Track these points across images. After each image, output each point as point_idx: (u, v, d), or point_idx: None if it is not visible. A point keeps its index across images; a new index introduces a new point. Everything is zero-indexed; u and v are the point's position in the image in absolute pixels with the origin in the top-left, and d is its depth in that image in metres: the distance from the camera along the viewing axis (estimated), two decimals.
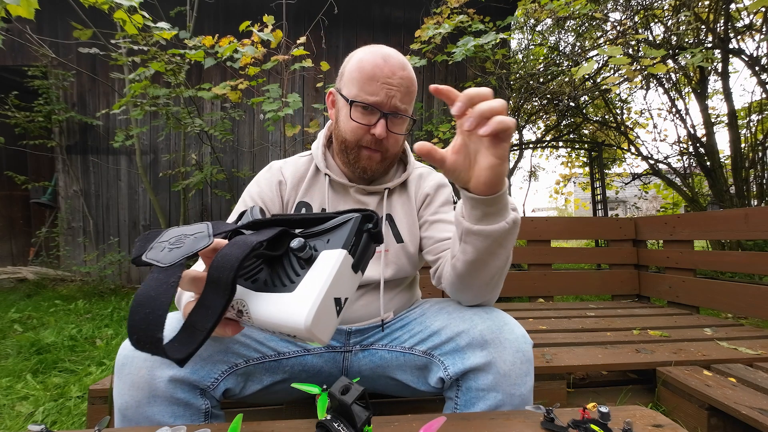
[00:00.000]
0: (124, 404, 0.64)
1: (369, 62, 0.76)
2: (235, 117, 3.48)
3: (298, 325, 0.36)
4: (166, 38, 2.45)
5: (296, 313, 0.36)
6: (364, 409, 0.51)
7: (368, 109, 0.77)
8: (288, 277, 0.40)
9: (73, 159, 3.85)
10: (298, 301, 0.37)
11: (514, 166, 6.40)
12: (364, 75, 0.76)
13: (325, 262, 0.39)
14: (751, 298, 1.82)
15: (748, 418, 0.98)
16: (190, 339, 0.36)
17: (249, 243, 0.38)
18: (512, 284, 2.45)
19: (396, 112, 0.77)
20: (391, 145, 0.81)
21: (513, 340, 0.69)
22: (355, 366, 0.84)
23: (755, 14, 3.77)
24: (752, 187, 4.04)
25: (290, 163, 0.90)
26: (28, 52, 3.55)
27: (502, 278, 0.71)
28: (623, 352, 1.41)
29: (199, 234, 0.40)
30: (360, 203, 0.86)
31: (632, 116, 5.95)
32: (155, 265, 0.37)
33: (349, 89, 0.78)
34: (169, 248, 0.38)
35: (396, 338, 0.82)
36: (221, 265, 0.37)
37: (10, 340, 2.14)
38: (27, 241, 4.60)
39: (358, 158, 0.81)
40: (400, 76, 0.76)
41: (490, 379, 0.68)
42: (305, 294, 0.37)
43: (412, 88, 0.79)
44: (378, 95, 0.75)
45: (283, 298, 0.38)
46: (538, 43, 5.50)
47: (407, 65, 0.79)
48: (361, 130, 0.78)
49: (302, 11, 3.50)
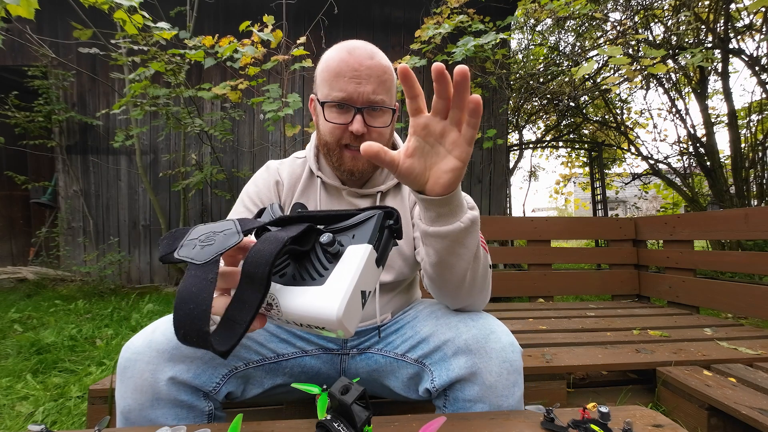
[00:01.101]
0: (127, 407, 0.64)
1: (334, 59, 0.73)
2: (235, 117, 3.48)
3: (330, 317, 0.38)
4: (166, 38, 2.45)
5: (327, 305, 0.38)
6: (364, 409, 0.51)
7: (342, 107, 0.73)
8: (317, 271, 0.41)
9: (73, 159, 3.85)
10: (328, 294, 0.39)
11: (514, 166, 6.41)
12: (331, 72, 0.72)
13: (352, 256, 0.40)
14: (751, 298, 1.82)
15: (748, 418, 0.98)
16: (230, 332, 0.38)
17: (281, 239, 0.39)
18: (512, 284, 2.45)
19: (371, 104, 0.73)
20: (374, 140, 0.73)
21: (499, 350, 0.66)
22: (352, 368, 0.84)
23: (755, 14, 3.77)
24: (752, 187, 4.04)
25: (287, 163, 0.89)
26: (28, 52, 3.55)
27: (478, 281, 0.67)
28: (623, 352, 1.41)
29: (228, 231, 0.41)
30: (352, 205, 0.84)
31: (632, 116, 5.95)
32: (191, 263, 0.38)
33: (322, 91, 0.75)
34: (200, 245, 0.40)
35: (390, 342, 0.81)
36: (256, 260, 0.38)
37: (10, 340, 2.13)
38: (27, 241, 4.60)
39: (342, 160, 0.77)
40: (368, 66, 0.72)
41: (476, 390, 0.66)
42: (335, 287, 0.39)
43: (384, 77, 0.74)
44: (347, 90, 0.71)
45: (313, 291, 0.40)
46: (538, 43, 5.50)
47: (376, 54, 0.74)
48: (338, 129, 0.74)
49: (302, 11, 3.50)
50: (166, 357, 0.65)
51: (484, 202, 4.20)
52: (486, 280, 0.69)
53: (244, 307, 0.39)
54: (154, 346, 0.65)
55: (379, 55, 0.75)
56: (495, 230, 2.49)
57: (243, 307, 0.39)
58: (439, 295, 0.73)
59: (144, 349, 0.65)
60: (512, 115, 5.68)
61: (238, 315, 0.39)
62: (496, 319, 0.73)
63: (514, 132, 6.10)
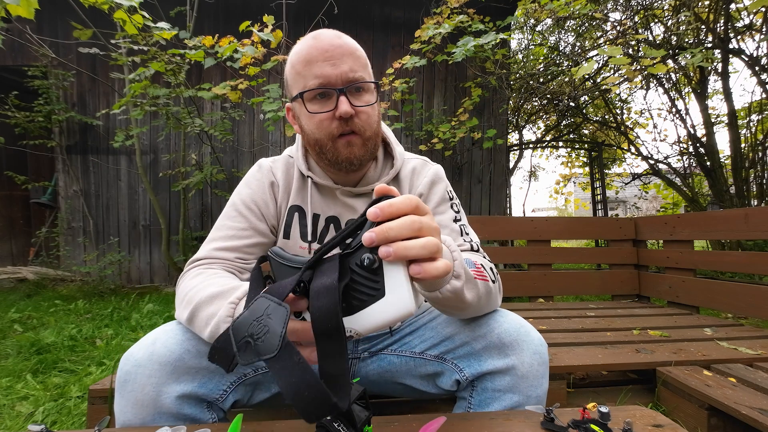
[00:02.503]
0: (127, 422, 0.62)
1: (302, 49, 0.70)
2: (235, 117, 3.48)
3: (409, 314, 0.41)
4: (166, 38, 2.45)
5: (401, 309, 0.41)
6: (364, 409, 0.51)
7: (324, 95, 0.69)
8: (372, 288, 0.42)
9: (73, 159, 3.85)
10: (396, 301, 0.41)
11: (514, 166, 6.41)
12: (302, 63, 0.69)
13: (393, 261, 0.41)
14: (751, 298, 1.82)
15: (748, 418, 0.98)
16: (340, 386, 0.40)
17: (332, 287, 0.40)
18: (512, 284, 2.45)
19: (351, 82, 0.68)
20: (364, 121, 0.71)
21: (530, 342, 0.69)
22: (362, 371, 0.84)
23: (755, 14, 3.77)
24: (752, 187, 4.04)
25: (280, 162, 0.84)
26: (28, 52, 3.55)
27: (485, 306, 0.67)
28: (623, 352, 1.41)
29: (270, 310, 0.41)
30: (346, 207, 0.81)
31: (632, 116, 5.95)
32: (268, 361, 0.38)
33: (297, 86, 0.70)
34: (258, 340, 0.39)
35: (406, 343, 0.81)
36: (323, 317, 0.39)
37: (10, 340, 2.14)
38: (27, 241, 4.60)
39: (337, 152, 0.72)
40: (338, 45, 0.68)
41: (508, 380, 0.68)
42: (398, 293, 0.41)
43: (357, 53, 0.70)
44: (323, 73, 0.67)
45: (381, 306, 0.42)
46: (538, 43, 5.50)
47: (342, 35, 0.71)
48: (326, 120, 0.70)
49: (302, 11, 3.50)
50: (169, 370, 0.62)
51: (484, 202, 4.20)
52: (491, 297, 0.68)
53: (335, 360, 0.40)
54: (155, 358, 0.62)
55: (345, 36, 0.71)
56: (495, 230, 2.49)
57: (334, 361, 0.40)
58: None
59: (145, 361, 0.62)
60: (512, 115, 5.68)
61: (334, 368, 0.40)
62: (518, 315, 0.74)
63: (514, 132, 6.11)
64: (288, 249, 0.81)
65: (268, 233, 0.82)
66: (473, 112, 3.70)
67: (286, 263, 0.47)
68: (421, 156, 0.89)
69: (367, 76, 0.71)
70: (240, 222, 0.79)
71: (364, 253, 0.41)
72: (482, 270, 0.65)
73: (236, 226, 0.79)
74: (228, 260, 0.76)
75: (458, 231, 0.79)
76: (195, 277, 0.70)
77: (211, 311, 0.60)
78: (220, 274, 0.72)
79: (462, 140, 3.97)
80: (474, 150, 4.13)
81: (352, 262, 0.42)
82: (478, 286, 0.61)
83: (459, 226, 0.80)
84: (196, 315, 0.62)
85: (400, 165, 0.83)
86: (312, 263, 0.44)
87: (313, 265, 0.44)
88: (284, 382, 0.37)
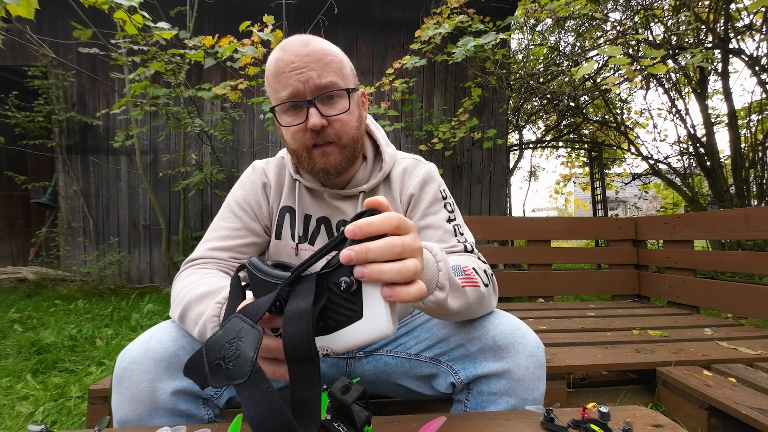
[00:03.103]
0: (124, 418, 0.63)
1: (271, 62, 0.70)
2: (235, 117, 3.48)
3: (385, 336, 0.41)
4: (166, 38, 2.45)
5: (379, 329, 0.41)
6: (364, 409, 0.51)
7: (295, 107, 0.69)
8: (351, 309, 0.42)
9: (73, 159, 3.85)
10: (373, 321, 0.41)
11: (514, 166, 6.41)
12: (272, 77, 0.69)
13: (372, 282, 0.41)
14: (751, 298, 1.82)
15: (748, 418, 0.98)
16: (309, 413, 0.40)
17: (304, 312, 0.39)
18: (512, 284, 2.45)
19: (320, 91, 0.67)
20: (339, 129, 0.70)
21: (526, 345, 0.68)
22: (358, 371, 0.84)
23: (755, 14, 3.77)
24: (752, 187, 4.04)
25: (273, 163, 0.85)
26: (28, 52, 3.55)
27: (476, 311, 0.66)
28: (623, 352, 1.41)
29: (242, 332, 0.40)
30: (336, 209, 0.81)
31: (632, 116, 5.95)
32: (237, 386, 0.38)
33: (272, 100, 0.72)
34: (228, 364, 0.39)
35: (401, 344, 0.81)
36: (295, 344, 0.38)
37: (10, 340, 2.14)
38: (27, 241, 4.60)
39: (313, 161, 0.72)
40: (305, 54, 0.67)
41: (503, 384, 0.67)
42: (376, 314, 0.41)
43: (327, 59, 0.68)
44: (290, 85, 0.67)
45: (359, 326, 0.41)
46: (538, 43, 5.50)
47: (312, 40, 0.69)
48: (299, 132, 0.69)
49: (302, 11, 3.50)
50: (164, 366, 0.63)
51: (484, 202, 4.20)
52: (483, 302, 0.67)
53: (307, 386, 0.39)
54: (151, 355, 0.63)
55: (315, 40, 0.69)
56: (495, 230, 2.49)
57: (306, 386, 0.39)
58: None
59: (141, 358, 0.63)
60: (512, 115, 5.68)
61: (306, 394, 0.40)
62: (515, 317, 0.73)
63: (514, 132, 6.11)
64: (280, 249, 0.82)
65: (262, 233, 0.83)
66: (473, 112, 3.70)
67: (263, 277, 0.45)
68: (413, 155, 0.88)
69: (340, 81, 0.69)
70: (234, 222, 0.81)
71: (343, 273, 0.40)
72: (472, 275, 0.63)
73: (230, 226, 0.80)
74: (222, 260, 0.77)
75: (452, 231, 0.78)
76: (188, 276, 0.71)
77: (200, 310, 0.61)
78: (213, 273, 0.72)
79: (462, 140, 3.96)
80: (474, 150, 4.13)
81: (331, 282, 0.41)
82: (467, 294, 0.59)
83: (453, 226, 0.78)
84: (187, 314, 0.63)
85: (390, 167, 0.82)
86: (290, 281, 0.42)
87: (292, 283, 0.42)
88: (250, 410, 0.36)
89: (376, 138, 0.84)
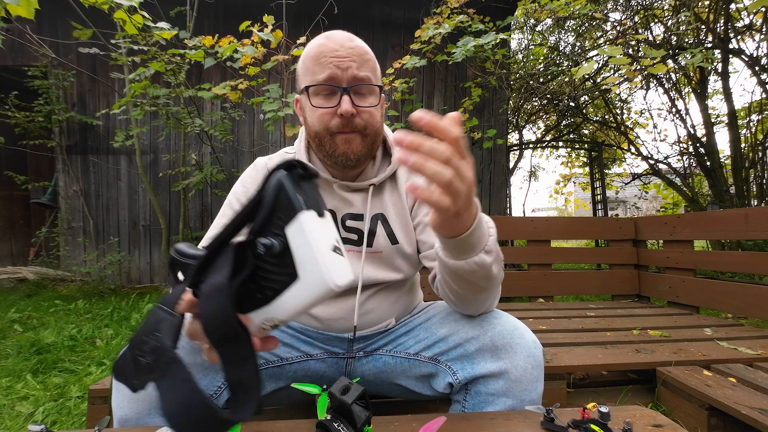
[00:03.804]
0: (124, 416, 0.63)
1: (313, 46, 0.72)
2: (235, 117, 3.48)
3: (329, 291, 0.36)
4: (166, 38, 2.45)
5: (319, 285, 0.36)
6: (364, 409, 0.51)
7: (328, 91, 0.71)
8: (284, 273, 0.37)
9: (73, 159, 3.85)
10: (310, 280, 0.36)
11: (514, 166, 6.41)
12: (311, 59, 0.71)
13: (299, 236, 0.36)
14: (751, 298, 1.82)
15: (748, 418, 0.98)
16: (246, 394, 0.36)
17: (219, 287, 0.35)
18: (512, 284, 2.45)
19: (357, 82, 0.70)
20: (366, 120, 0.73)
21: (524, 345, 0.69)
22: (358, 371, 0.84)
23: (755, 14, 3.77)
24: (752, 187, 4.04)
25: (276, 159, 0.85)
26: (28, 52, 3.54)
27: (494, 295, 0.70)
28: (623, 352, 1.40)
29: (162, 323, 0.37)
30: (344, 200, 0.81)
31: (632, 116, 5.95)
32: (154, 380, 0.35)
33: (304, 81, 0.73)
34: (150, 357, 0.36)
35: (401, 344, 0.81)
36: (213, 322, 0.35)
37: (10, 340, 2.13)
38: (27, 241, 4.60)
39: (335, 145, 0.73)
40: (349, 47, 0.70)
41: (501, 384, 0.68)
42: (312, 270, 0.36)
43: (366, 56, 0.72)
44: (330, 70, 0.69)
45: (297, 288, 0.37)
46: (538, 43, 5.50)
47: (355, 38, 0.73)
48: (327, 114, 0.71)
49: (302, 11, 3.50)
50: None
51: (484, 202, 4.20)
52: (498, 288, 0.70)
53: (238, 366, 0.36)
54: None
55: (358, 39, 0.74)
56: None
57: (238, 367, 0.36)
58: (455, 307, 0.74)
59: None
60: (512, 115, 5.67)
61: (238, 375, 0.36)
62: (514, 317, 0.74)
63: (514, 132, 6.10)
64: None
65: None
66: (473, 112, 3.70)
67: (183, 260, 0.41)
68: None
69: (374, 79, 0.73)
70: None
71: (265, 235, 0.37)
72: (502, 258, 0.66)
73: None
74: None
75: None
76: None
77: None
78: None
79: None
80: (474, 150, 4.13)
81: (254, 248, 0.37)
82: (502, 269, 0.64)
83: None
84: None
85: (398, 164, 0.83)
86: (206, 257, 0.38)
87: (209, 258, 0.38)
88: (165, 403, 0.34)
89: (386, 136, 0.85)
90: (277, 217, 0.37)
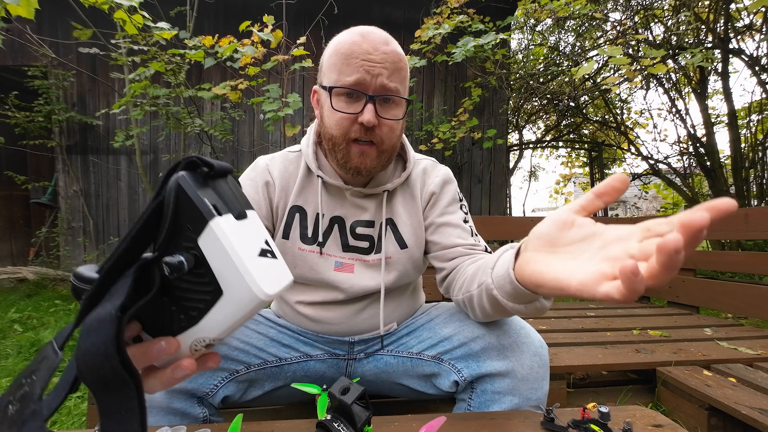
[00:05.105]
0: None
1: (346, 42, 0.66)
2: (235, 117, 3.48)
3: (260, 302, 0.31)
4: (166, 38, 2.45)
5: (247, 297, 0.31)
6: (364, 409, 0.51)
7: (352, 96, 0.66)
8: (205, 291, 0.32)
9: (73, 159, 3.85)
10: (237, 293, 0.31)
11: (514, 166, 6.41)
12: (341, 56, 0.65)
13: (214, 246, 0.30)
14: (751, 298, 1.82)
15: (748, 418, 0.98)
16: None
17: (105, 320, 0.28)
18: None
19: (385, 93, 0.66)
20: (385, 134, 0.68)
21: (530, 344, 0.69)
22: (358, 372, 0.84)
23: (755, 14, 3.77)
24: (752, 187, 4.04)
25: (278, 159, 0.80)
26: (28, 52, 3.54)
27: None
28: (623, 352, 1.40)
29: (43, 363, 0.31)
30: (357, 207, 0.78)
31: (632, 116, 5.95)
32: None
33: (329, 77, 0.67)
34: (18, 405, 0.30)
35: (403, 344, 0.81)
36: (89, 362, 0.28)
37: (10, 340, 2.13)
38: (27, 241, 4.59)
39: (349, 156, 0.69)
40: (384, 51, 0.65)
41: (507, 383, 0.68)
42: (237, 282, 0.30)
43: (400, 65, 0.67)
44: (359, 75, 0.64)
45: (224, 303, 0.32)
46: (538, 43, 5.50)
47: (391, 40, 0.68)
48: (346, 120, 0.67)
49: (302, 11, 3.50)
50: None
51: (484, 202, 4.20)
52: None
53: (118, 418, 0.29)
54: None
55: (394, 42, 0.68)
56: (495, 230, 2.49)
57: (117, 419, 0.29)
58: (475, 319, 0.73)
59: None
60: (512, 115, 5.68)
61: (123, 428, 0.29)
62: (518, 317, 0.74)
63: (514, 132, 6.11)
64: (286, 250, 0.78)
65: None
66: (473, 112, 3.70)
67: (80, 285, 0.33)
68: (429, 157, 0.88)
69: (402, 90, 0.69)
70: None
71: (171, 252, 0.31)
72: None
73: None
74: None
75: (469, 231, 0.80)
76: None
77: None
78: None
79: (462, 140, 3.96)
80: (474, 150, 4.13)
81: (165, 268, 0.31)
82: None
83: (469, 227, 0.80)
84: None
85: (412, 168, 0.82)
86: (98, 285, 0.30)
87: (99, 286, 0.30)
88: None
89: (405, 145, 0.83)
90: (185, 228, 0.31)
